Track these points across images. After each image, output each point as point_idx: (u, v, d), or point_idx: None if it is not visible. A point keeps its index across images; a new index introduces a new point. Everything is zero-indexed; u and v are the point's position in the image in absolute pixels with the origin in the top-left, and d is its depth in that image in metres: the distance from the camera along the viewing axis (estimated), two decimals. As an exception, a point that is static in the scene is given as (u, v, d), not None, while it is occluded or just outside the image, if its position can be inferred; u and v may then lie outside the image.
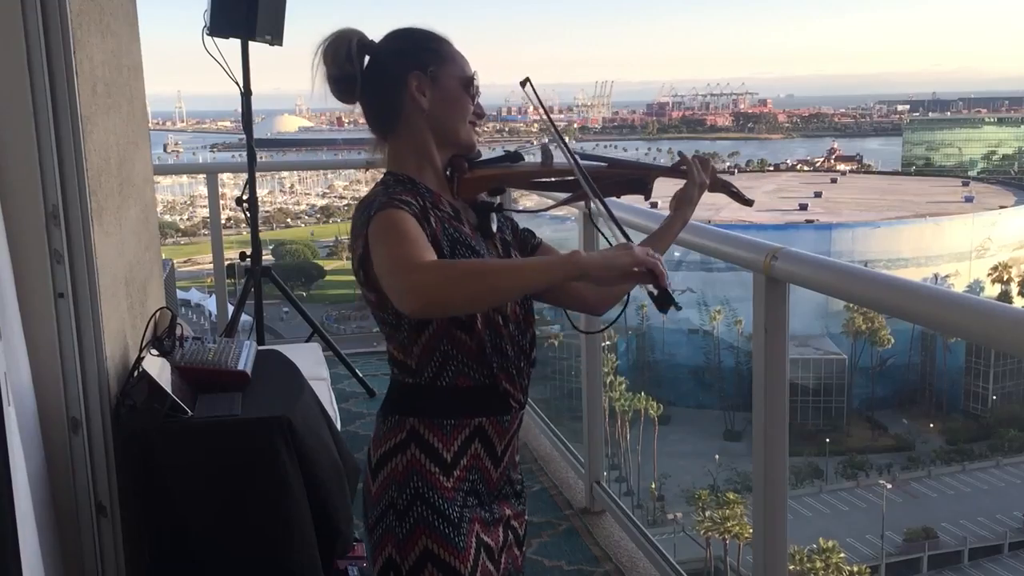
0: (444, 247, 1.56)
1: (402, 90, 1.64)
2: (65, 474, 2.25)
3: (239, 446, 2.37)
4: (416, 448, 1.60)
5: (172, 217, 70.61)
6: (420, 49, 1.67)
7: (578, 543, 3.33)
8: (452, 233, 1.60)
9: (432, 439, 1.61)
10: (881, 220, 57.58)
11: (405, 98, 1.64)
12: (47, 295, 2.18)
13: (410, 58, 1.66)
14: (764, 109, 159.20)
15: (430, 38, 1.69)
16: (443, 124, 1.66)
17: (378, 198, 1.54)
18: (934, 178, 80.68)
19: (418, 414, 1.62)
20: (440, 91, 1.65)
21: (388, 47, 1.67)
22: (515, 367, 1.65)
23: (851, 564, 32.95)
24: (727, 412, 45.52)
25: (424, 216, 1.54)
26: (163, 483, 2.33)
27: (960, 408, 48.82)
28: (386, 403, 1.68)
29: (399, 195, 1.54)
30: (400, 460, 1.60)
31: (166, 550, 2.37)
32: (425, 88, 1.64)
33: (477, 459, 1.64)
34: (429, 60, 1.65)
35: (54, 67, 2.14)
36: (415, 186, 1.62)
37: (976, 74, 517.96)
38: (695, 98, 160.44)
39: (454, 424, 1.61)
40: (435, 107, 1.64)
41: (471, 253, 1.60)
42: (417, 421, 1.61)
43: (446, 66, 1.67)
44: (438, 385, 1.60)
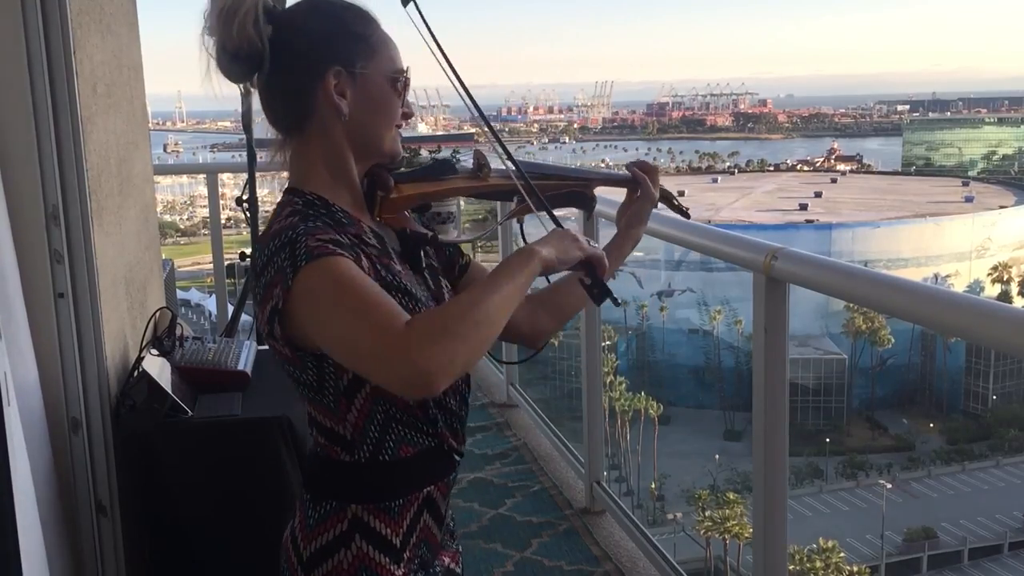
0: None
1: (316, 87, 1.30)
2: (65, 474, 2.25)
3: (239, 446, 2.37)
4: (362, 540, 1.34)
5: (172, 217, 70.63)
6: (343, 36, 1.32)
7: (578, 543, 3.33)
8: (384, 274, 1.29)
9: (379, 526, 1.34)
10: (881, 220, 57.63)
11: (318, 97, 1.31)
12: (47, 295, 2.18)
13: (332, 47, 1.31)
14: (764, 109, 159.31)
15: (357, 19, 1.34)
16: (364, 133, 1.34)
17: (300, 237, 1.21)
18: (934, 178, 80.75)
19: (361, 499, 1.34)
20: (365, 93, 1.32)
21: (304, 24, 1.31)
22: (458, 418, 1.41)
23: (851, 564, 32.97)
24: (727, 412, 45.56)
25: (354, 256, 1.24)
26: (163, 483, 2.33)
27: (960, 408, 48.87)
28: (314, 483, 1.38)
29: (323, 233, 1.23)
30: (345, 556, 1.33)
31: (166, 550, 2.37)
32: (345, 88, 1.31)
33: (426, 531, 1.40)
34: (354, 52, 1.32)
35: (54, 67, 2.14)
36: (330, 211, 1.31)
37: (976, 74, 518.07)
38: (695, 98, 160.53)
39: (402, 503, 1.36)
40: (356, 112, 1.32)
41: (407, 298, 1.30)
42: (360, 508, 1.34)
43: (375, 60, 1.33)
44: (380, 460, 1.33)
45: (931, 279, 45.92)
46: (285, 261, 1.20)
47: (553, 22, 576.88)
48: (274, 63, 1.30)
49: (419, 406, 1.34)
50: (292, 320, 1.21)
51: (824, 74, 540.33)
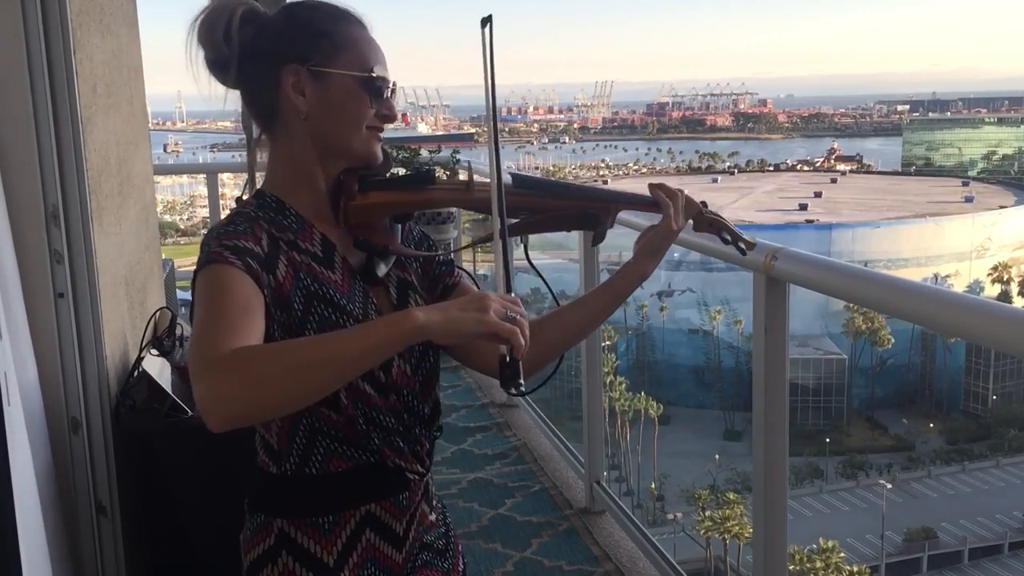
0: (296, 302, 1.23)
1: (274, 85, 1.29)
2: (65, 474, 2.25)
3: (239, 446, 2.37)
4: (288, 556, 1.29)
5: (172, 217, 70.65)
6: (304, 33, 1.30)
7: (578, 543, 3.33)
8: (309, 284, 1.25)
9: (307, 543, 1.30)
10: (881, 220, 57.65)
11: (279, 96, 1.30)
12: (47, 295, 2.18)
13: (288, 45, 1.29)
14: (764, 109, 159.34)
15: (325, 17, 1.32)
16: (327, 133, 1.30)
17: (211, 240, 1.20)
18: (934, 178, 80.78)
19: (286, 514, 1.31)
20: (326, 92, 1.29)
21: (268, 24, 1.31)
22: (405, 438, 1.33)
23: (851, 564, 32.98)
24: (727, 412, 45.57)
25: (269, 264, 1.22)
26: (163, 483, 2.33)
27: (960, 408, 48.89)
28: (250, 495, 1.36)
29: (234, 238, 1.20)
30: (272, 571, 1.30)
31: (166, 550, 2.37)
32: (304, 87, 1.28)
33: (372, 551, 1.32)
34: (313, 49, 1.29)
35: (54, 67, 2.14)
36: (281, 214, 1.29)
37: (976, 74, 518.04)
38: (695, 98, 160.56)
39: (333, 520, 1.30)
40: (316, 111, 1.29)
41: (332, 309, 1.25)
42: (286, 523, 1.30)
43: (337, 58, 1.29)
44: (306, 473, 1.29)
45: (931, 279, 45.92)
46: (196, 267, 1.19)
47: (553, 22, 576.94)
48: (241, 65, 1.29)
49: (346, 421, 1.27)
50: None
51: (824, 74, 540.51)
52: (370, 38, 1.34)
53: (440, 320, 1.05)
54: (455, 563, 1.47)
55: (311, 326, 1.24)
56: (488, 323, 1.05)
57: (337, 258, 1.31)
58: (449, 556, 1.46)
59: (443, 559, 1.44)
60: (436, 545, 1.44)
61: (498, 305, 1.07)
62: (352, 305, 1.28)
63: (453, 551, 1.47)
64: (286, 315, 1.23)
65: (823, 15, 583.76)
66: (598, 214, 1.40)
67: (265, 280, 1.20)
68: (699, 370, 50.04)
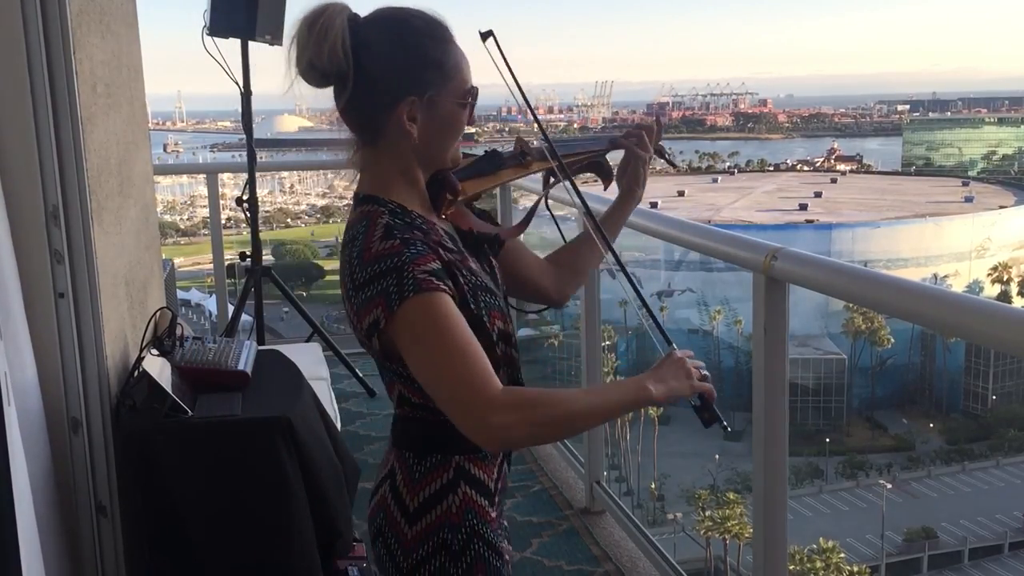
0: (471, 299, 1.43)
1: (389, 115, 1.42)
2: (65, 474, 2.25)
3: (239, 446, 2.37)
4: (466, 485, 1.51)
5: (172, 217, 70.62)
6: (421, 66, 1.42)
7: (578, 543, 3.33)
8: (470, 278, 1.45)
9: (478, 473, 1.53)
10: (881, 220, 57.59)
11: (391, 121, 1.43)
12: (47, 295, 2.18)
13: (407, 78, 1.41)
14: (764, 109, 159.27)
15: (433, 44, 1.43)
16: (432, 151, 1.47)
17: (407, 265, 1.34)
18: (934, 178, 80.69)
19: (464, 451, 1.50)
20: (435, 116, 1.44)
21: (382, 51, 1.41)
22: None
23: (851, 564, 32.95)
24: (727, 412, 45.13)
25: (450, 274, 1.39)
26: (163, 483, 2.33)
27: (960, 408, 48.83)
28: (416, 443, 1.52)
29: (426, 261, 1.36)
30: (452, 501, 1.50)
31: (166, 550, 2.37)
32: (417, 114, 1.42)
33: (504, 480, 1.62)
34: (429, 83, 1.42)
35: (54, 67, 2.14)
36: (410, 218, 1.44)
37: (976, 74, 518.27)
38: (695, 98, 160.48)
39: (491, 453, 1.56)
40: (425, 136, 1.44)
41: (490, 295, 1.47)
42: (462, 458, 1.51)
43: (448, 86, 1.44)
44: None
45: (931, 279, 45.92)
46: (392, 287, 1.34)
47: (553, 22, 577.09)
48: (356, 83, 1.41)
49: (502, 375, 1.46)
50: (389, 340, 1.37)
51: (824, 74, 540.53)
52: (462, 51, 1.48)
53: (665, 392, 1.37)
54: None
55: (485, 315, 1.45)
56: (696, 387, 1.39)
57: (461, 247, 1.51)
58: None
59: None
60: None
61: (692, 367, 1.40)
62: (491, 284, 1.50)
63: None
64: (468, 312, 1.41)
65: (823, 15, 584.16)
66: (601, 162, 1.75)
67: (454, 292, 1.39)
68: (699, 370, 49.94)
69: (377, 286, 1.35)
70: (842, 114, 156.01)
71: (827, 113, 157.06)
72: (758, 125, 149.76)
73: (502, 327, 1.50)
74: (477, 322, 1.42)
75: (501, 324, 1.49)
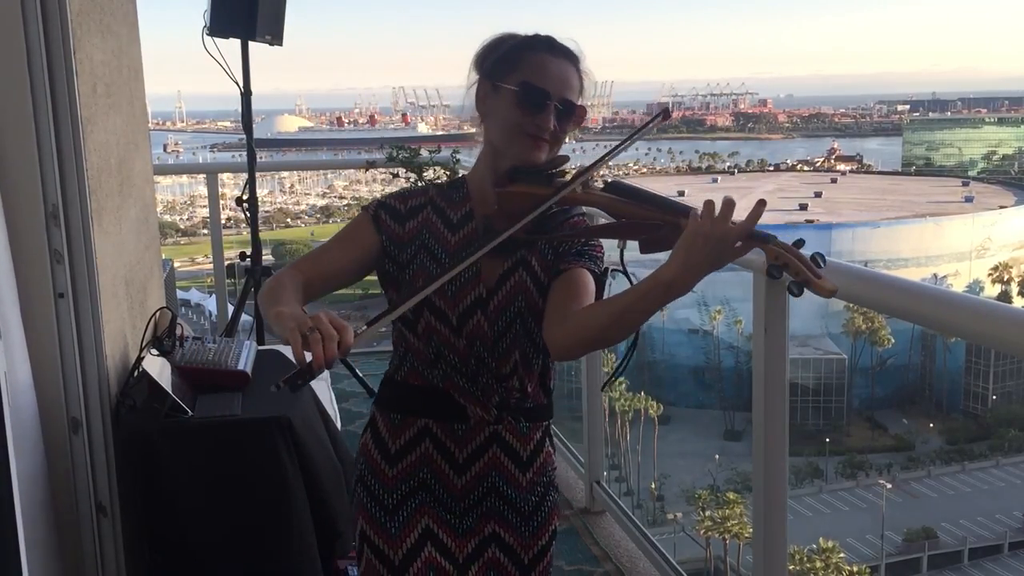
0: (409, 248, 1.64)
1: (472, 92, 1.66)
2: (65, 474, 2.25)
3: (239, 446, 2.37)
4: (370, 434, 1.72)
5: (172, 217, 70.62)
6: (496, 56, 1.63)
7: (578, 543, 3.33)
8: (426, 238, 1.64)
9: (382, 429, 1.70)
10: (881, 220, 57.56)
11: (476, 103, 1.66)
12: (47, 295, 2.18)
13: (482, 64, 1.65)
14: (764, 109, 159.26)
15: (516, 45, 1.63)
16: (494, 134, 1.63)
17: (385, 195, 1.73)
18: (934, 178, 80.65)
19: (377, 403, 1.73)
20: (497, 102, 1.62)
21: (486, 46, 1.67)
22: (470, 381, 1.64)
23: (851, 564, 32.94)
24: (727, 412, 45.52)
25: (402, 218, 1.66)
26: (163, 483, 2.33)
27: (960, 408, 48.82)
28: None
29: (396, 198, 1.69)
30: (360, 440, 1.74)
31: (166, 550, 2.37)
32: (487, 98, 1.64)
33: (429, 459, 1.68)
34: (496, 69, 1.62)
35: (54, 67, 2.14)
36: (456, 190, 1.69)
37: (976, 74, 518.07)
38: (695, 98, 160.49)
39: (400, 419, 1.68)
40: (491, 118, 1.63)
41: (429, 259, 1.63)
42: (376, 409, 1.73)
43: (508, 76, 1.60)
44: (396, 378, 1.70)
45: (931, 279, 45.90)
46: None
47: (553, 22, 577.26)
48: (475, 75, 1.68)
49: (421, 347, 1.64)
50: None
51: (824, 74, 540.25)
52: (545, 60, 1.60)
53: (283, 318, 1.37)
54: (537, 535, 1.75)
55: (411, 267, 1.63)
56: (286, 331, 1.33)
57: (467, 227, 1.65)
58: (532, 525, 1.75)
59: (525, 523, 1.74)
60: (521, 507, 1.73)
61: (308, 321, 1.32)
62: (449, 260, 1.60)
63: (539, 525, 1.76)
64: (400, 255, 1.63)
65: (823, 15, 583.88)
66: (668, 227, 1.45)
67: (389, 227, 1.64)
68: (699, 370, 49.97)
69: None
70: (842, 114, 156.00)
71: (827, 113, 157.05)
72: (758, 125, 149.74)
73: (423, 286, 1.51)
74: (398, 268, 1.64)
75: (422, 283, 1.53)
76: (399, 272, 1.64)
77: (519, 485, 1.72)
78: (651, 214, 1.49)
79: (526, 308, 1.63)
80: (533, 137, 1.59)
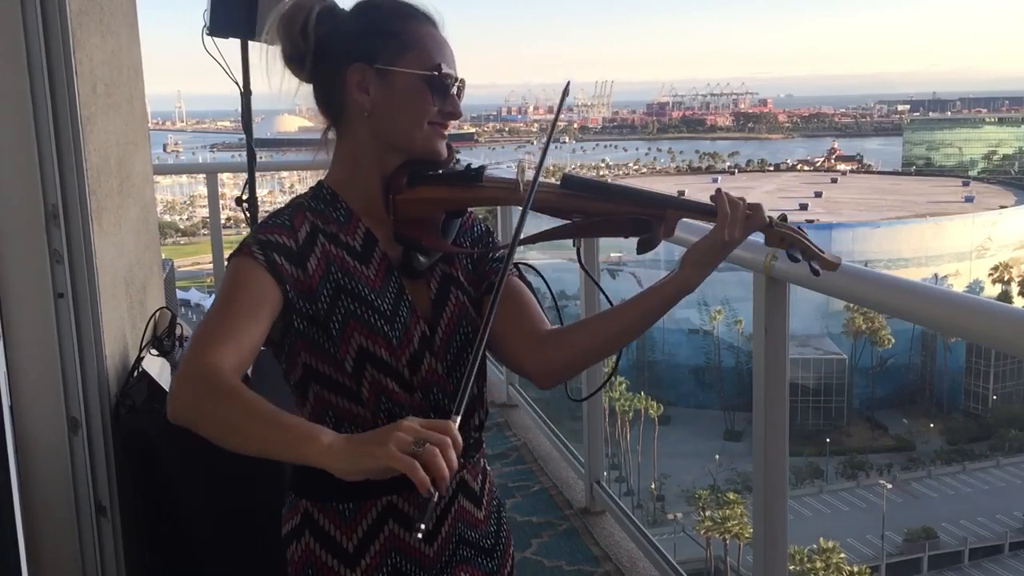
0: (323, 295, 1.29)
1: (340, 84, 1.33)
2: (65, 474, 2.25)
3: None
4: (311, 536, 1.35)
5: (172, 217, 70.65)
6: (372, 33, 1.33)
7: (578, 543, 3.33)
8: (339, 278, 1.30)
9: (328, 527, 1.34)
10: (881, 220, 57.61)
11: (345, 94, 1.34)
12: (47, 295, 2.18)
13: (355, 45, 1.33)
14: (764, 109, 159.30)
15: (393, 16, 1.34)
16: (390, 129, 1.34)
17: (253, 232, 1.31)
18: (934, 178, 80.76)
19: (310, 496, 1.35)
20: (389, 89, 1.32)
21: (338, 23, 1.35)
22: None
23: (851, 564, 32.96)
24: (727, 412, 45.56)
25: (300, 257, 1.29)
26: (163, 483, 2.33)
27: (960, 408, 48.86)
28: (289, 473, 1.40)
29: (271, 232, 1.29)
30: (296, 549, 1.36)
31: (166, 550, 2.37)
32: (369, 85, 1.32)
33: (395, 540, 1.34)
34: (380, 49, 1.32)
35: (54, 67, 2.14)
36: (332, 206, 1.35)
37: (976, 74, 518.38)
38: (695, 98, 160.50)
39: (353, 507, 1.33)
40: (380, 109, 1.32)
41: (359, 304, 1.30)
42: (310, 504, 1.35)
43: (403, 57, 1.32)
44: None
45: (931, 279, 45.91)
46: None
47: (553, 22, 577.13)
48: (313, 61, 1.35)
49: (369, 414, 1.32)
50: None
51: (824, 74, 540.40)
52: (438, 36, 1.37)
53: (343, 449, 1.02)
54: (502, 564, 1.48)
55: (336, 319, 1.30)
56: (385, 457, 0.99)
57: (377, 253, 1.35)
58: (496, 556, 1.47)
59: (489, 558, 1.45)
60: (483, 543, 1.44)
61: (404, 435, 1.00)
62: (381, 300, 1.32)
63: (502, 552, 1.48)
64: (312, 307, 1.30)
65: (823, 15, 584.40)
66: (650, 221, 1.33)
67: (289, 273, 1.28)
68: (699, 370, 50.01)
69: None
70: (842, 114, 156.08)
71: (827, 113, 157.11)
72: (758, 125, 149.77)
73: (364, 344, 1.30)
74: (320, 319, 1.29)
75: (363, 340, 1.30)
76: (314, 329, 1.30)
77: (479, 521, 1.44)
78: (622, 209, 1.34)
79: (471, 333, 1.38)
80: (439, 127, 1.35)
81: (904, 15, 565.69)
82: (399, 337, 1.32)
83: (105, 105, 2.53)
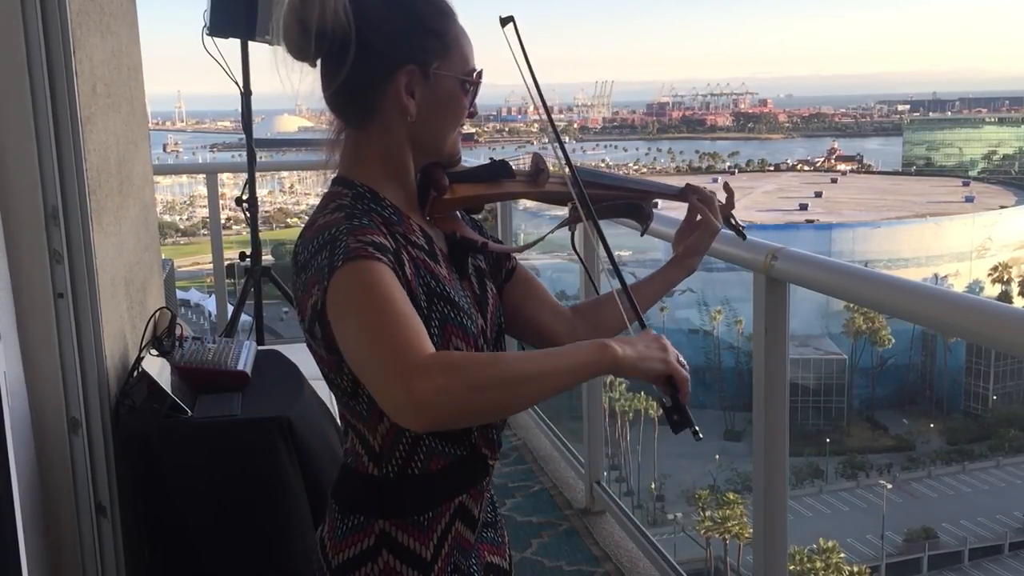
0: (421, 299, 1.23)
1: (386, 86, 1.26)
2: (65, 474, 2.25)
3: (239, 446, 2.37)
4: (389, 555, 1.30)
5: (172, 217, 70.66)
6: (422, 33, 1.27)
7: (578, 543, 3.33)
8: (428, 280, 1.25)
9: (408, 541, 1.30)
10: (881, 220, 57.64)
11: (387, 96, 1.26)
12: (47, 295, 2.18)
13: (406, 45, 1.26)
14: (764, 109, 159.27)
15: (436, 14, 1.29)
16: (429, 133, 1.30)
17: (341, 236, 1.16)
18: (934, 178, 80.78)
19: (388, 515, 1.30)
20: (434, 94, 1.27)
21: (380, 16, 1.26)
22: (494, 428, 1.37)
23: (851, 564, 32.96)
24: (727, 412, 45.54)
25: (398, 261, 1.20)
26: (163, 483, 2.33)
27: (960, 408, 48.85)
28: (343, 493, 1.34)
29: (367, 233, 1.17)
30: (371, 570, 1.30)
31: (166, 550, 2.37)
32: (415, 88, 1.26)
33: (458, 539, 1.35)
34: (430, 52, 1.27)
35: (54, 67, 2.14)
36: (379, 205, 1.27)
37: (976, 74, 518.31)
38: (695, 98, 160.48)
39: (432, 516, 1.31)
40: (424, 113, 1.28)
41: (450, 307, 1.26)
42: (388, 523, 1.30)
43: (449, 60, 1.28)
44: (409, 475, 1.28)
45: (931, 279, 45.91)
46: (324, 260, 1.15)
47: (553, 22, 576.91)
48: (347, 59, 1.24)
49: None
50: (327, 321, 1.16)
51: (824, 74, 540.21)
52: (464, 31, 1.32)
53: (634, 356, 1.11)
54: (502, 533, 1.52)
55: (434, 324, 1.24)
56: (670, 364, 1.14)
57: (438, 251, 1.32)
58: (498, 528, 1.50)
59: (495, 531, 1.49)
60: (488, 519, 1.47)
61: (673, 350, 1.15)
62: (461, 300, 1.30)
63: (499, 523, 1.52)
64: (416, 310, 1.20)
65: (823, 15, 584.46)
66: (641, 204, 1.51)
67: (401, 275, 1.18)
68: (699, 370, 49.93)
69: (313, 265, 1.17)
70: (842, 114, 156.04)
71: (827, 113, 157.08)
72: (758, 125, 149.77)
73: (460, 348, 1.28)
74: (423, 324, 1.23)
75: (460, 344, 1.27)
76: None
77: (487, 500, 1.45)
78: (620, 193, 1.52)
79: (503, 324, 1.42)
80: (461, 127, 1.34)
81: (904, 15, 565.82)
82: (474, 335, 1.31)
83: (105, 105, 2.53)
